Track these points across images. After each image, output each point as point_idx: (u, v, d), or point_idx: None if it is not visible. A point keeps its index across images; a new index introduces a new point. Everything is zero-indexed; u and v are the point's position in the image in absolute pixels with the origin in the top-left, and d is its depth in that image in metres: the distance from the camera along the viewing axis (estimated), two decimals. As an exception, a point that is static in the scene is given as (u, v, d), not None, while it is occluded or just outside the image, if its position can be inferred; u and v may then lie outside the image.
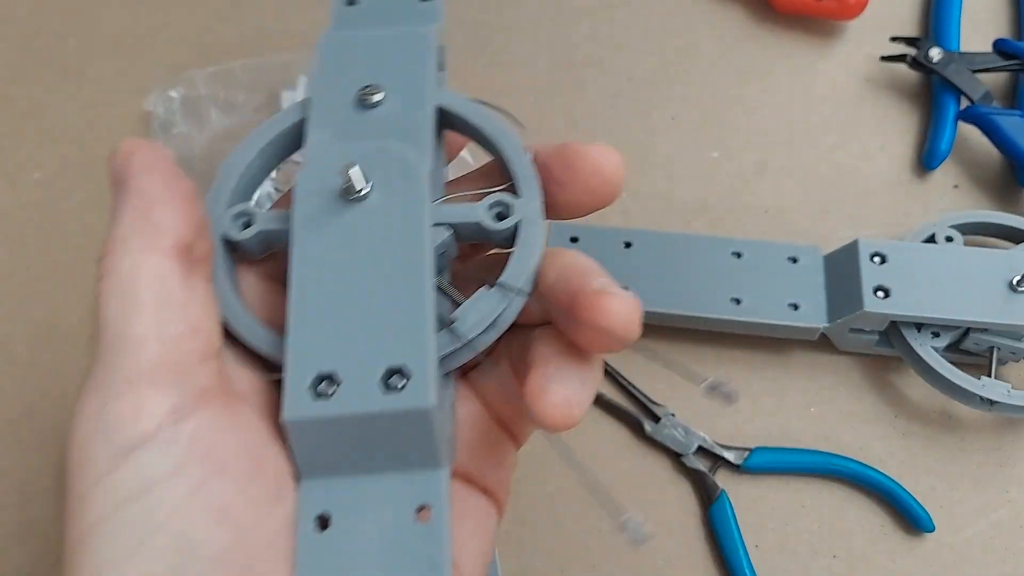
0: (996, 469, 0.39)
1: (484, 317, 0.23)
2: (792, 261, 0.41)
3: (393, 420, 0.21)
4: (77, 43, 0.52)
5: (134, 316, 0.21)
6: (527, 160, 0.25)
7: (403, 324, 0.22)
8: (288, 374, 0.21)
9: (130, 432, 0.20)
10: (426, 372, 0.21)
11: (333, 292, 0.22)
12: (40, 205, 0.47)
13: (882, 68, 0.49)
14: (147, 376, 0.21)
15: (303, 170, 0.24)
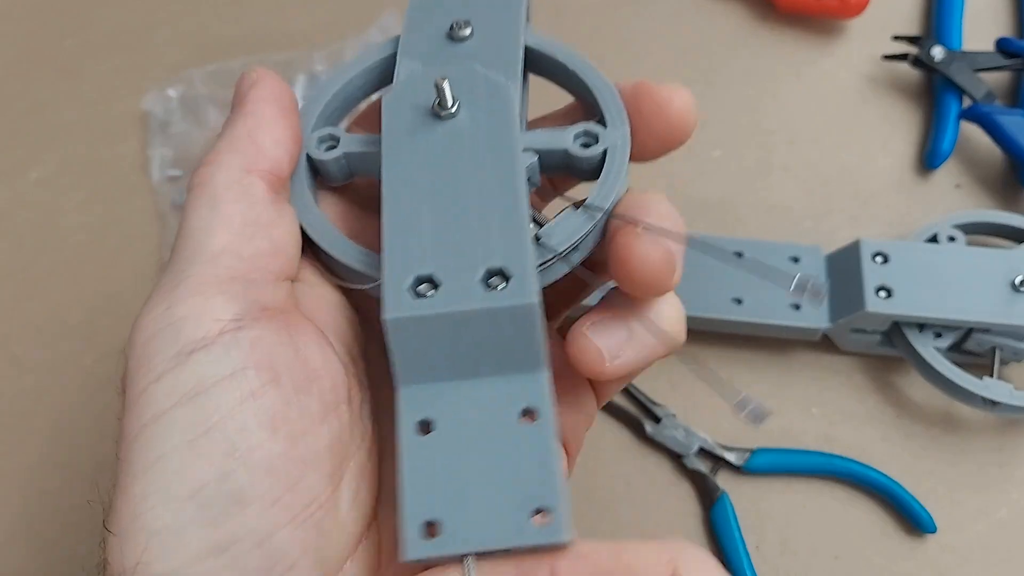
0: (998, 470, 0.39)
1: (571, 234, 0.23)
2: (794, 261, 0.41)
3: (496, 318, 0.20)
4: (75, 42, 0.52)
5: (218, 229, 0.22)
6: (614, 91, 0.25)
7: (500, 228, 0.22)
8: (386, 276, 0.21)
9: (193, 333, 0.20)
10: (527, 271, 0.21)
11: (427, 200, 0.22)
12: (38, 204, 0.47)
13: (884, 67, 0.48)
14: (216, 285, 0.21)
15: (392, 89, 0.25)
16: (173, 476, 0.20)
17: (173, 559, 0.19)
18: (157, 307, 0.21)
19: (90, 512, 0.41)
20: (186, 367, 0.20)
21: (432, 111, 0.24)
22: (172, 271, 0.22)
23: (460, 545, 0.19)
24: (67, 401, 0.43)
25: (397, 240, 0.22)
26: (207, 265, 0.22)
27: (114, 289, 0.45)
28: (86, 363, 0.43)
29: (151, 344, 0.21)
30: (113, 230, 0.46)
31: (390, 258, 0.22)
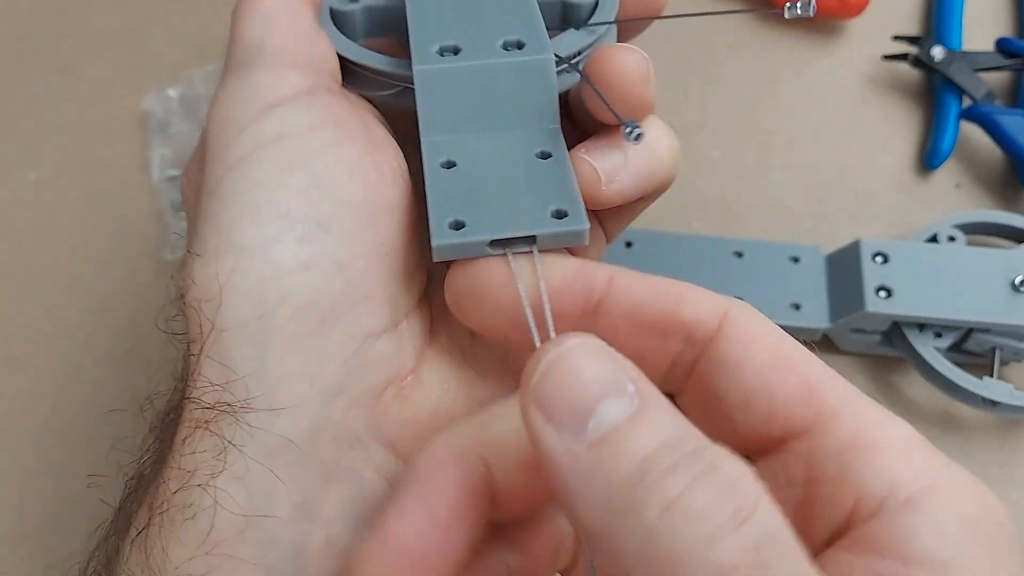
0: (998, 470, 0.39)
1: (575, 43, 0.24)
2: (794, 261, 0.41)
3: (515, 72, 0.23)
4: (73, 41, 0.52)
5: (274, 33, 0.24)
6: None
7: (515, 13, 0.24)
8: (416, 41, 0.23)
9: (272, 94, 0.22)
10: (541, 38, 0.23)
11: (450, 6, 0.25)
12: (37, 205, 0.47)
13: (884, 67, 0.48)
14: (287, 64, 0.23)
15: None
16: (263, 200, 0.21)
17: (261, 271, 0.21)
18: (231, 85, 0.23)
19: (88, 513, 0.41)
20: (269, 118, 0.22)
21: None
22: (235, 66, 0.24)
23: (486, 232, 0.21)
24: (65, 402, 0.42)
25: (422, 19, 0.24)
26: (273, 55, 0.23)
27: (113, 290, 0.45)
28: (84, 364, 0.43)
29: (231, 108, 0.22)
30: (112, 230, 0.46)
31: (417, 32, 0.24)
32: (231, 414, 0.20)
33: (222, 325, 0.21)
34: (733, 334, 0.20)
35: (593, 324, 0.20)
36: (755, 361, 0.20)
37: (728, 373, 0.20)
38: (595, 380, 0.16)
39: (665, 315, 0.20)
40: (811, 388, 0.19)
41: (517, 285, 0.20)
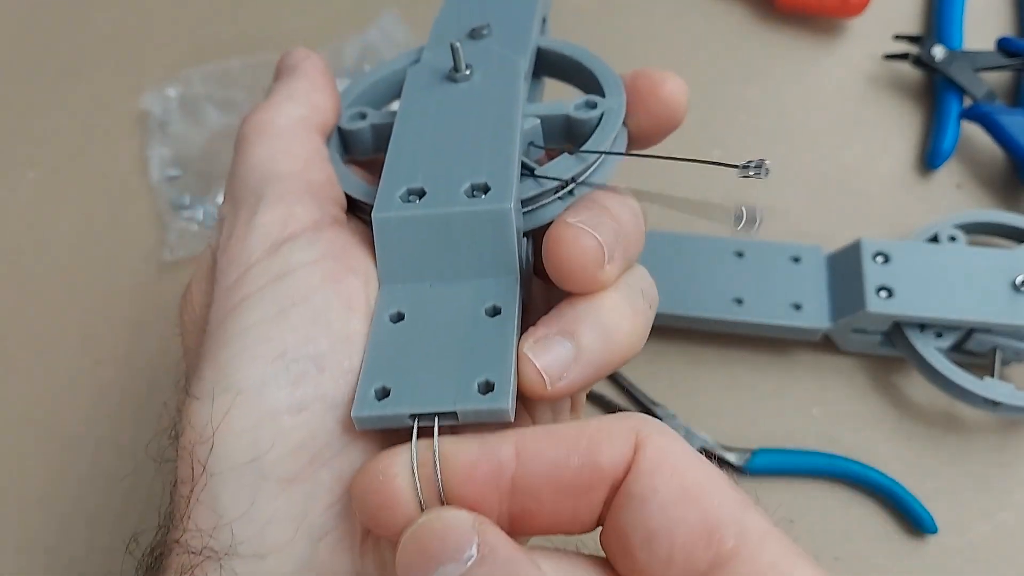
0: (1000, 470, 0.39)
1: (563, 171, 0.24)
2: (794, 261, 0.41)
3: (473, 222, 0.22)
4: (72, 41, 0.52)
5: (285, 159, 0.24)
6: (613, 71, 0.27)
7: (489, 153, 0.24)
8: (382, 185, 0.24)
9: (279, 232, 0.23)
10: (505, 183, 0.23)
11: (431, 133, 0.25)
12: (35, 204, 0.47)
13: (885, 67, 0.48)
14: (293, 196, 0.24)
15: (412, 68, 0.28)
16: (262, 339, 0.21)
17: (255, 414, 0.21)
18: (237, 223, 0.23)
19: (86, 515, 0.41)
20: (274, 257, 0.22)
21: (449, 75, 0.26)
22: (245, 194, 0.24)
23: (404, 406, 0.21)
24: (65, 402, 0.42)
25: (396, 160, 0.24)
26: (282, 182, 0.24)
27: (112, 290, 0.45)
28: (84, 364, 0.43)
29: (240, 245, 0.23)
30: (111, 231, 0.46)
31: (387, 172, 0.24)
32: (216, 560, 0.20)
33: (213, 469, 0.21)
34: (642, 466, 0.19)
35: (515, 501, 0.20)
36: (659, 496, 0.19)
37: (634, 509, 0.19)
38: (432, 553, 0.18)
39: (583, 471, 0.19)
40: (711, 527, 0.19)
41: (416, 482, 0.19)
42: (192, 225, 0.45)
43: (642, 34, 0.50)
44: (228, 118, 0.48)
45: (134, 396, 0.42)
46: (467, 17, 0.30)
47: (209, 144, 0.47)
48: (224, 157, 0.47)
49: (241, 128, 0.26)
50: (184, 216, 0.45)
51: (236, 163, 0.25)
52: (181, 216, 0.45)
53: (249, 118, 0.26)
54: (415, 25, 0.49)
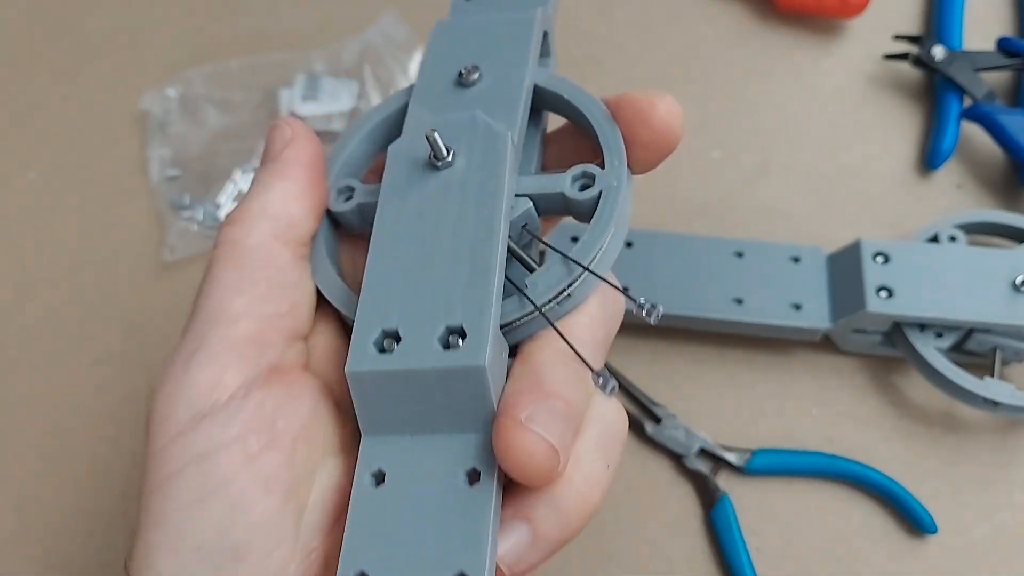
0: (1000, 471, 0.39)
1: (553, 285, 0.23)
2: (794, 261, 0.41)
3: (448, 377, 0.21)
4: (72, 41, 0.52)
5: (243, 290, 0.24)
6: (616, 131, 0.25)
7: (467, 286, 0.22)
8: (356, 330, 0.23)
9: (205, 401, 0.22)
10: (482, 331, 0.21)
11: (408, 253, 0.24)
12: (35, 205, 0.47)
13: (885, 67, 0.48)
14: (232, 351, 0.23)
15: (395, 143, 0.26)
16: (181, 531, 0.22)
17: None
18: (176, 367, 0.23)
19: (85, 515, 0.41)
20: (197, 431, 0.22)
21: (429, 162, 0.25)
22: (194, 329, 0.24)
23: None
24: (64, 402, 0.42)
25: (371, 295, 0.23)
26: (227, 327, 0.23)
27: (111, 290, 0.45)
28: (83, 364, 0.43)
29: (169, 405, 0.23)
30: (111, 231, 0.46)
31: (361, 312, 0.23)
32: None
33: None
34: None
35: None
36: None
37: None
38: None
39: None
40: None
41: None
42: (192, 225, 0.45)
43: (642, 34, 0.50)
44: (228, 118, 0.48)
45: (133, 395, 0.42)
46: (458, 49, 0.28)
47: (209, 144, 0.47)
48: (224, 157, 0.47)
49: (217, 238, 0.25)
50: (184, 216, 0.45)
51: (202, 285, 0.24)
52: (181, 216, 0.45)
53: (224, 228, 0.25)
54: (415, 25, 0.49)
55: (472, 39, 0.28)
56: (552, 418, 0.21)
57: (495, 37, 0.28)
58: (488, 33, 0.28)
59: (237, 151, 0.47)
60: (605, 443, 0.24)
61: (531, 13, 0.28)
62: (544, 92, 0.27)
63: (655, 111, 0.25)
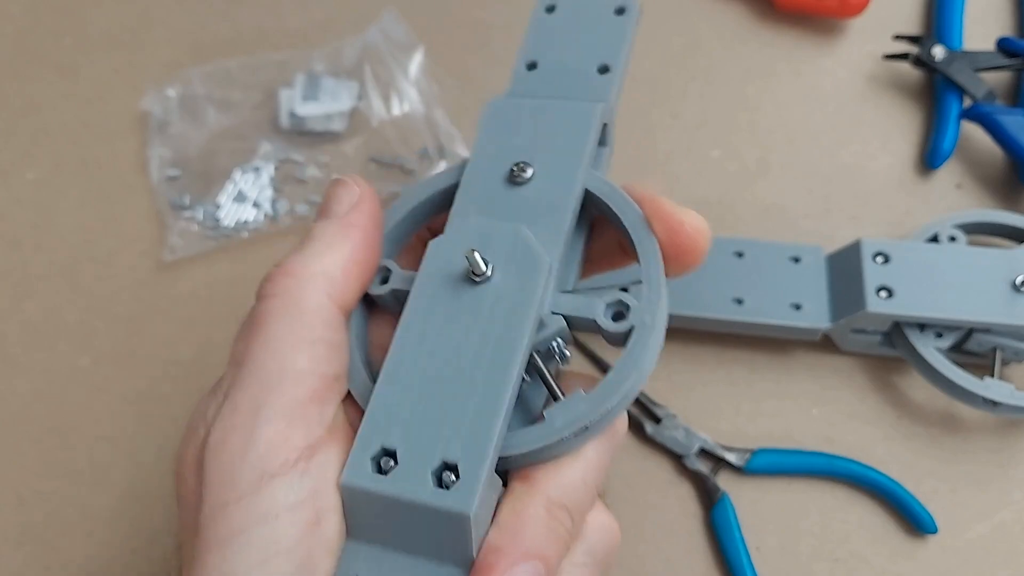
0: (999, 470, 0.39)
1: (572, 421, 0.23)
2: (794, 261, 0.41)
3: (434, 514, 0.22)
4: (72, 41, 0.51)
5: (304, 349, 0.24)
6: (659, 262, 0.25)
7: (473, 422, 0.23)
8: (357, 441, 0.23)
9: (274, 461, 0.22)
10: (475, 477, 0.22)
11: (423, 370, 0.24)
12: (35, 204, 0.47)
13: (884, 67, 0.48)
14: (299, 410, 0.23)
15: (437, 240, 0.26)
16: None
17: None
18: (243, 421, 0.23)
19: (85, 514, 0.41)
20: (264, 492, 0.22)
21: (466, 275, 0.24)
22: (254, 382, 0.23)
23: None
24: (64, 402, 0.42)
25: (379, 404, 0.23)
26: (293, 385, 0.23)
27: (111, 290, 0.45)
28: (83, 364, 0.43)
29: (236, 462, 0.22)
30: (111, 230, 0.46)
31: (366, 423, 0.23)
32: None
33: None
34: None
35: None
36: None
37: None
38: None
39: None
40: None
41: None
42: (192, 225, 0.45)
43: (642, 34, 0.50)
44: (228, 118, 0.48)
45: (133, 394, 0.42)
46: (512, 137, 0.27)
47: (209, 144, 0.47)
48: (224, 157, 0.47)
49: (267, 287, 0.25)
50: (184, 216, 0.45)
51: (253, 336, 0.24)
52: (181, 216, 0.45)
53: (277, 280, 0.24)
54: (415, 25, 0.49)
55: (527, 127, 0.27)
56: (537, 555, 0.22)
57: (551, 129, 0.27)
58: (545, 122, 0.27)
59: (237, 151, 0.47)
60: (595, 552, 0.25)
61: (591, 107, 0.27)
62: (592, 194, 0.26)
63: (683, 228, 0.25)
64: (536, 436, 0.23)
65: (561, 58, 0.29)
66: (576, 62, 0.29)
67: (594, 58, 0.29)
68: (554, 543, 0.23)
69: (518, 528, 0.22)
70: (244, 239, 0.45)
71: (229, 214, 0.46)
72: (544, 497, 0.23)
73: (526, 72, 0.29)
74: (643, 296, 0.25)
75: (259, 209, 0.46)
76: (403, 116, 0.47)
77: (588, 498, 0.24)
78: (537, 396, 0.25)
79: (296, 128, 0.47)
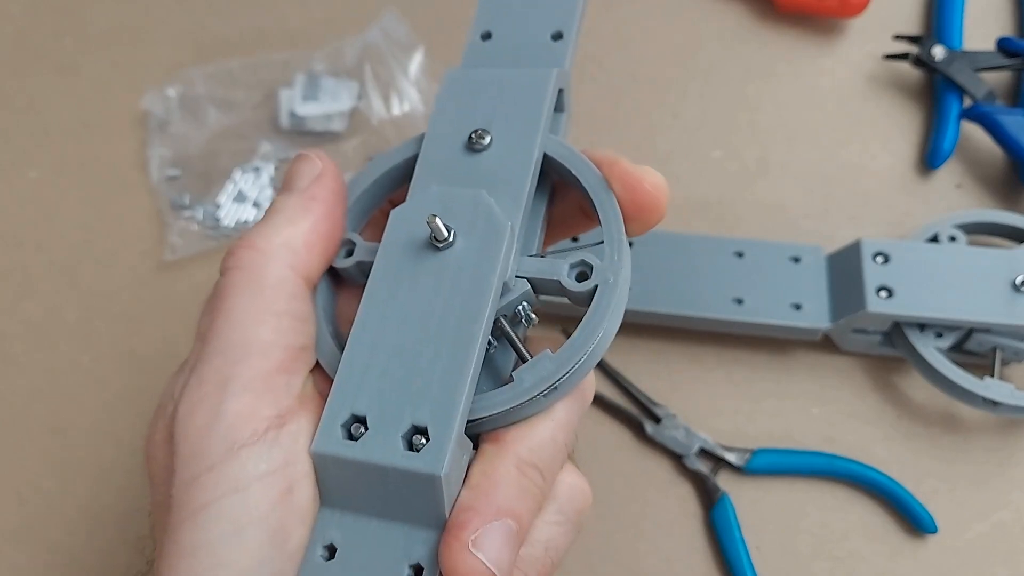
0: (999, 470, 0.39)
1: (540, 381, 0.23)
2: (794, 261, 0.41)
3: (405, 477, 0.22)
4: (73, 40, 0.52)
5: (268, 321, 0.24)
6: (618, 217, 0.25)
7: (441, 385, 0.23)
8: (326, 409, 0.23)
9: (243, 431, 0.22)
10: (444, 439, 0.22)
11: (389, 337, 0.24)
12: (35, 203, 0.47)
13: (885, 67, 0.48)
14: (266, 381, 0.23)
15: (399, 209, 0.26)
16: (218, 560, 0.21)
17: None
18: (209, 394, 0.23)
19: (86, 510, 0.41)
20: (233, 463, 0.22)
21: (429, 241, 0.25)
22: (219, 356, 0.23)
23: None
24: (65, 400, 0.42)
25: (347, 374, 0.23)
26: (259, 358, 0.23)
27: (112, 289, 0.45)
28: (83, 362, 0.43)
29: (204, 435, 0.22)
30: (111, 229, 0.46)
31: (335, 391, 0.23)
32: None
33: None
34: None
35: None
36: None
37: None
38: None
39: None
40: None
41: None
42: (192, 225, 0.45)
43: (642, 34, 0.50)
44: (228, 118, 0.48)
45: (132, 392, 0.42)
46: (469, 106, 0.27)
47: (209, 144, 0.47)
48: (224, 157, 0.47)
49: (229, 260, 0.25)
50: (184, 216, 0.45)
51: (217, 309, 0.24)
52: (181, 215, 0.45)
53: (239, 253, 0.25)
54: (415, 24, 0.49)
55: (484, 96, 0.27)
56: (498, 541, 0.22)
57: (508, 96, 0.27)
58: (501, 90, 0.27)
59: (237, 151, 0.47)
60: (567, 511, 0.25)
61: (546, 74, 0.27)
62: (551, 159, 0.27)
63: (642, 185, 0.25)
64: (505, 398, 0.23)
65: (514, 27, 0.29)
66: (530, 30, 0.29)
67: (548, 25, 0.29)
68: (526, 501, 0.23)
69: (489, 488, 0.23)
70: (244, 239, 0.45)
71: (229, 214, 0.46)
72: (515, 457, 0.23)
73: (480, 43, 0.30)
74: (605, 255, 0.25)
75: (259, 209, 0.46)
76: (403, 116, 0.47)
77: (559, 457, 0.24)
78: (505, 359, 0.26)
79: (296, 128, 0.47)
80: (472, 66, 0.29)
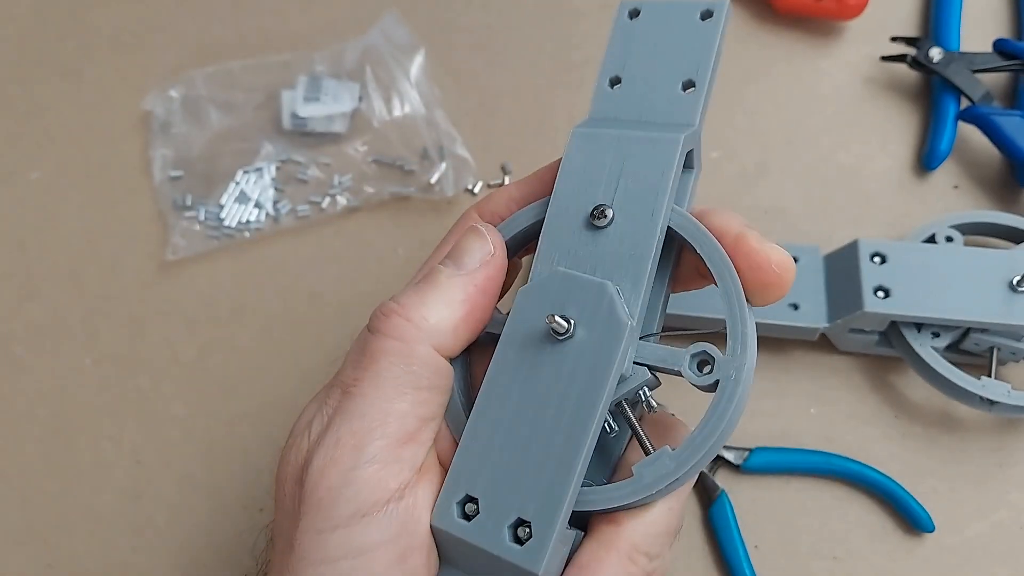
0: (996, 469, 0.39)
1: (660, 478, 0.24)
2: (793, 261, 0.41)
3: (509, 566, 0.23)
4: (76, 43, 0.52)
5: (408, 395, 0.25)
6: (744, 310, 0.25)
7: (550, 481, 0.24)
8: (445, 485, 0.25)
9: (367, 501, 0.24)
10: (546, 537, 0.23)
11: (506, 423, 0.25)
12: (39, 205, 0.47)
13: (882, 68, 0.48)
14: (395, 452, 0.25)
15: (523, 291, 0.26)
16: None
17: None
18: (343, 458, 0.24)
19: (88, 512, 0.41)
20: (356, 529, 0.24)
21: (548, 332, 0.25)
22: (361, 418, 0.25)
23: None
24: (67, 402, 0.43)
25: (465, 454, 0.25)
26: (395, 426, 0.25)
27: (114, 290, 0.45)
28: (86, 364, 0.43)
29: (335, 496, 0.24)
30: (114, 230, 0.47)
31: (452, 470, 0.25)
32: None
33: None
34: None
35: None
36: None
37: None
38: None
39: None
40: None
41: None
42: (194, 225, 0.45)
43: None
44: (230, 119, 0.48)
45: (135, 394, 0.43)
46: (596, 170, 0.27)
47: (211, 145, 0.47)
48: (226, 158, 0.47)
49: (384, 325, 0.25)
50: (186, 216, 0.46)
51: (366, 369, 0.25)
52: (183, 216, 0.46)
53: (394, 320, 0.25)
54: (416, 27, 0.50)
55: (610, 162, 0.27)
56: None
57: (633, 167, 0.26)
58: (626, 159, 0.27)
59: (239, 152, 0.47)
60: None
61: (673, 141, 0.26)
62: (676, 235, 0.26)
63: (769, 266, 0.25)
64: (623, 493, 0.24)
65: (644, 73, 0.28)
66: (660, 77, 0.28)
67: (679, 72, 0.28)
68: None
69: (598, 572, 0.24)
70: (246, 239, 0.45)
71: (231, 214, 0.46)
72: (628, 544, 0.24)
73: (608, 89, 0.29)
74: (728, 348, 0.25)
75: (261, 209, 0.46)
76: (404, 117, 0.47)
77: (668, 544, 0.25)
78: (618, 441, 0.27)
79: (298, 129, 0.47)
80: (600, 115, 0.28)
